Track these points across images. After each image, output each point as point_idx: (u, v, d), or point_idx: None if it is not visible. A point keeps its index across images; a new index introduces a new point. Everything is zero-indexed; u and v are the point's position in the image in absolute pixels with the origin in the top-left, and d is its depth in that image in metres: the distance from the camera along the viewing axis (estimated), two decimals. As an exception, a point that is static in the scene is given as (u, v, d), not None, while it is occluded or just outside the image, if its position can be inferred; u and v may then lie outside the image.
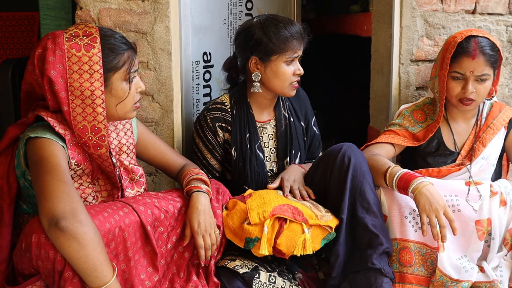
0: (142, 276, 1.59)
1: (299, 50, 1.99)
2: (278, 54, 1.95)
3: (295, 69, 1.99)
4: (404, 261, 1.84)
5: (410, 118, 2.12)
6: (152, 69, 2.13)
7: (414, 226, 1.84)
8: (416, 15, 2.33)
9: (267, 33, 1.95)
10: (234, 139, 2.03)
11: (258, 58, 1.98)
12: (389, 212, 1.86)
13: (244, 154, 2.04)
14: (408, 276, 1.83)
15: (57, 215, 1.37)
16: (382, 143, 2.06)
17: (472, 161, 2.04)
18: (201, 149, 2.07)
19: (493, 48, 1.97)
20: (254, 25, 2.00)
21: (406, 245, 1.84)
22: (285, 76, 1.98)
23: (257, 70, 2.00)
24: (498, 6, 2.42)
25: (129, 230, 1.55)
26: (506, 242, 1.91)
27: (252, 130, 2.06)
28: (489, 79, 1.98)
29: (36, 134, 1.53)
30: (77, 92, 1.54)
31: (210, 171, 2.09)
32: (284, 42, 1.94)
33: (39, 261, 1.41)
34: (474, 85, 1.97)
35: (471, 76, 1.96)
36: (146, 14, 2.09)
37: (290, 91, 2.03)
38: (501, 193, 1.93)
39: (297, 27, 1.99)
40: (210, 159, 2.07)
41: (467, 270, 1.83)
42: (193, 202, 1.73)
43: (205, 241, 1.72)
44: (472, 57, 1.95)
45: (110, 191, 1.70)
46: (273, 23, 1.97)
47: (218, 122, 2.03)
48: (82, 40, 1.56)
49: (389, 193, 1.87)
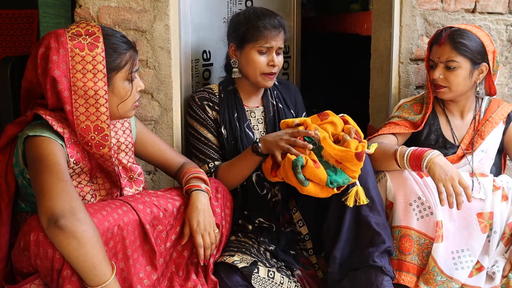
0: (140, 275, 1.59)
1: (273, 41, 2.02)
2: (249, 42, 2.02)
3: (269, 60, 2.03)
4: (404, 248, 1.86)
5: (410, 110, 2.16)
6: (152, 67, 2.13)
7: (417, 214, 1.87)
8: (416, 14, 2.33)
9: (243, 22, 2.04)
10: (223, 118, 2.08)
11: (235, 45, 2.08)
12: (395, 198, 1.89)
13: (234, 132, 2.07)
14: (406, 264, 1.86)
15: (56, 213, 1.37)
16: (384, 134, 2.10)
17: (472, 153, 2.06)
18: (196, 127, 2.09)
19: (470, 39, 2.00)
20: (237, 14, 2.11)
21: (407, 232, 1.86)
22: (255, 64, 2.03)
23: (235, 56, 2.10)
24: (498, 5, 2.42)
25: (128, 229, 1.55)
26: (504, 236, 1.94)
27: (239, 111, 2.11)
28: (460, 68, 2.01)
29: (34, 132, 1.53)
30: (81, 92, 1.54)
31: (210, 146, 2.06)
32: (256, 30, 2.01)
33: (37, 259, 1.41)
34: (443, 72, 2.03)
35: (439, 62, 2.03)
36: (146, 12, 2.09)
37: (263, 81, 2.06)
38: (503, 188, 1.96)
39: (274, 19, 2.04)
40: (207, 134, 2.08)
41: (460, 268, 1.86)
42: (192, 200, 1.73)
43: (205, 240, 1.72)
44: (439, 44, 2.03)
45: (109, 190, 1.70)
46: (250, 13, 2.06)
47: (205, 100, 2.09)
48: (85, 40, 1.56)
49: (396, 179, 1.89)
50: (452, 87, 2.05)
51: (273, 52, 2.03)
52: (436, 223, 1.84)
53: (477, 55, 2.01)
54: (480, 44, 2.02)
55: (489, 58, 2.04)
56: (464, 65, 2.01)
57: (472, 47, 2.00)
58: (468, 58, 2.01)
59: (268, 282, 1.76)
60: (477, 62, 2.03)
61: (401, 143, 2.13)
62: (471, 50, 2.00)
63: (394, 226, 1.88)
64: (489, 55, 2.04)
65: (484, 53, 2.03)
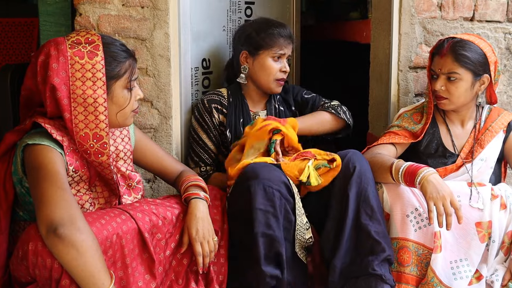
0: (139, 284, 1.58)
1: (285, 49, 2.16)
2: (265, 49, 2.14)
3: (281, 66, 2.17)
4: (402, 260, 1.85)
5: (410, 120, 2.16)
6: (151, 75, 2.13)
7: (414, 225, 1.85)
8: (415, 22, 2.34)
9: (257, 30, 2.17)
10: (229, 121, 2.17)
11: (247, 51, 2.18)
12: (392, 210, 1.88)
13: (239, 136, 2.14)
14: (406, 275, 1.85)
15: (55, 222, 1.37)
16: (384, 144, 2.09)
17: (471, 162, 2.05)
18: (197, 130, 2.19)
19: (472, 51, 1.99)
20: (248, 24, 2.25)
21: (405, 244, 1.85)
22: (270, 70, 2.15)
23: (246, 63, 2.19)
24: (496, 13, 2.43)
25: (127, 237, 1.54)
26: (503, 245, 1.93)
27: (245, 116, 2.20)
28: (462, 80, 2.00)
29: (34, 141, 1.52)
30: (80, 100, 1.54)
31: (206, 151, 2.18)
32: (271, 38, 2.14)
33: (36, 269, 1.40)
34: (444, 84, 2.02)
35: (440, 74, 2.03)
36: (146, 21, 2.09)
37: (275, 87, 2.19)
38: (501, 196, 1.95)
39: (286, 29, 2.19)
40: (206, 139, 2.18)
41: (458, 278, 1.85)
42: (191, 209, 1.73)
43: (203, 248, 1.71)
44: (441, 55, 2.02)
45: (108, 198, 1.70)
46: (264, 23, 2.20)
47: (214, 103, 2.18)
48: (85, 48, 1.56)
49: (393, 191, 1.88)
50: (453, 99, 2.03)
51: (284, 58, 2.17)
52: (434, 234, 1.83)
53: (479, 66, 2.00)
54: (482, 55, 2.00)
55: (491, 69, 2.02)
56: (465, 77, 2.00)
57: (474, 59, 1.99)
58: (470, 70, 1.99)
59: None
60: (479, 74, 2.01)
61: (400, 152, 2.12)
62: (473, 62, 1.98)
63: (392, 237, 1.87)
64: (491, 66, 2.02)
65: (486, 64, 2.01)
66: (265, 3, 2.71)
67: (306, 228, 1.86)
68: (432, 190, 1.74)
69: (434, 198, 1.73)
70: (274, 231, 1.74)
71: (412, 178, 1.79)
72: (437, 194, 1.73)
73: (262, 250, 1.73)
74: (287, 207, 1.79)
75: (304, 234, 1.85)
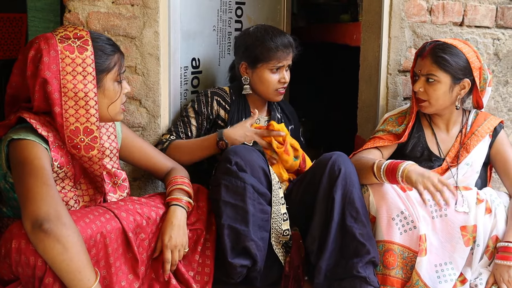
0: (122, 283, 1.57)
1: (284, 60, 2.15)
2: (263, 63, 2.14)
3: (280, 77, 2.16)
4: (388, 263, 1.86)
5: (395, 124, 2.17)
6: (140, 74, 2.12)
7: (400, 228, 1.86)
8: (405, 26, 2.35)
9: (255, 43, 2.14)
10: (231, 119, 2.18)
11: (247, 64, 2.18)
12: (378, 213, 1.88)
13: None
14: (391, 278, 1.86)
15: (41, 217, 1.36)
16: (369, 149, 2.10)
17: (457, 166, 2.06)
18: (188, 110, 2.19)
19: (453, 55, 2.00)
20: (248, 33, 2.20)
21: (390, 247, 1.86)
22: (268, 83, 2.16)
23: (246, 74, 2.20)
24: (485, 19, 2.45)
25: (111, 237, 1.53)
26: (488, 249, 1.94)
27: (247, 116, 2.20)
28: (440, 82, 2.01)
29: (19, 136, 1.51)
30: (71, 94, 1.53)
31: (185, 128, 2.15)
32: (269, 52, 2.12)
33: (19, 267, 1.39)
34: (423, 85, 2.04)
35: (420, 75, 2.05)
36: (135, 19, 2.08)
37: (275, 97, 2.21)
38: (486, 201, 1.96)
39: (284, 39, 2.15)
40: (192, 120, 2.17)
41: (443, 281, 1.86)
42: (169, 215, 1.72)
43: (173, 257, 1.70)
44: (422, 56, 2.05)
45: (93, 196, 1.69)
46: (262, 34, 2.15)
47: (217, 96, 2.19)
48: (75, 43, 1.56)
49: (379, 194, 1.89)
50: (431, 101, 2.05)
51: (283, 69, 2.17)
52: (420, 237, 1.84)
53: (458, 70, 2.01)
54: (463, 60, 2.01)
55: (475, 74, 2.03)
56: (444, 79, 2.01)
57: (454, 63, 2.00)
58: (449, 73, 2.00)
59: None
60: (459, 78, 2.02)
61: (386, 156, 2.13)
62: (452, 66, 1.99)
63: (378, 240, 1.88)
64: (475, 72, 2.03)
65: (468, 69, 2.02)
66: (255, 4, 2.71)
67: (284, 219, 1.87)
68: (417, 177, 1.76)
69: (422, 182, 1.75)
70: (241, 225, 1.76)
71: (393, 173, 1.81)
72: (422, 178, 1.76)
73: (228, 242, 1.77)
74: (260, 200, 1.80)
75: (281, 224, 1.86)
